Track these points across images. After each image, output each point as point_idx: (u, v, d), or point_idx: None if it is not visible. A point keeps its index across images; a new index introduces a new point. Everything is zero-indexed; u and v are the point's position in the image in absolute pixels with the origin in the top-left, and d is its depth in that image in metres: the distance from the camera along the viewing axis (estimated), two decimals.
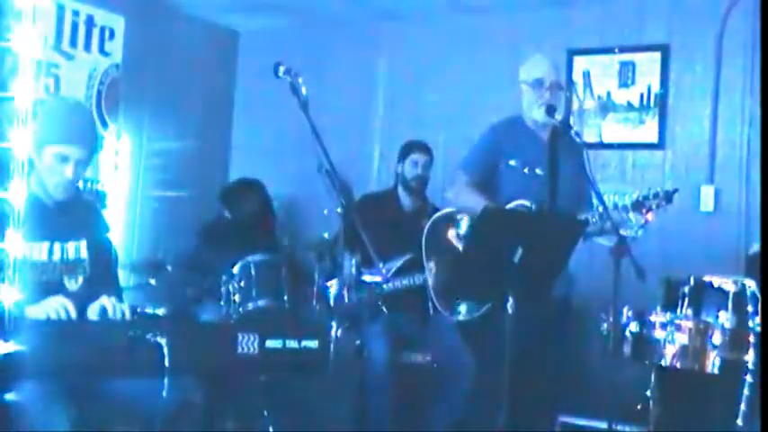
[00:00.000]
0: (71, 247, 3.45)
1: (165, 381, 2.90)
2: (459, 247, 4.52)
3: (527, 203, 4.35)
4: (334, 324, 3.57)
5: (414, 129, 6.14)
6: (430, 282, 4.81)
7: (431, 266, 4.78)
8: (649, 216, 4.22)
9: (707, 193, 5.49)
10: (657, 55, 5.74)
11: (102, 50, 5.97)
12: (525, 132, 4.56)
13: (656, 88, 5.74)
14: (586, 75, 5.93)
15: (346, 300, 4.92)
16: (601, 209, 4.11)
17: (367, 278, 5.00)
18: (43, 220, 3.29)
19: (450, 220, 4.66)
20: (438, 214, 4.83)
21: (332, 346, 3.46)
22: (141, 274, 5.07)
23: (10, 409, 2.65)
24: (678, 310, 3.98)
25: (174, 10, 6.55)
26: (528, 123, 4.56)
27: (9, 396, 2.65)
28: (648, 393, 4.18)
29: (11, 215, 2.52)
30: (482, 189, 4.48)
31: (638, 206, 4.23)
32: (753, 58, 5.42)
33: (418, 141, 5.59)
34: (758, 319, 3.83)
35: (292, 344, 3.24)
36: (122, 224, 5.92)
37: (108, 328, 3.05)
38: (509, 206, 4.36)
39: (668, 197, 4.23)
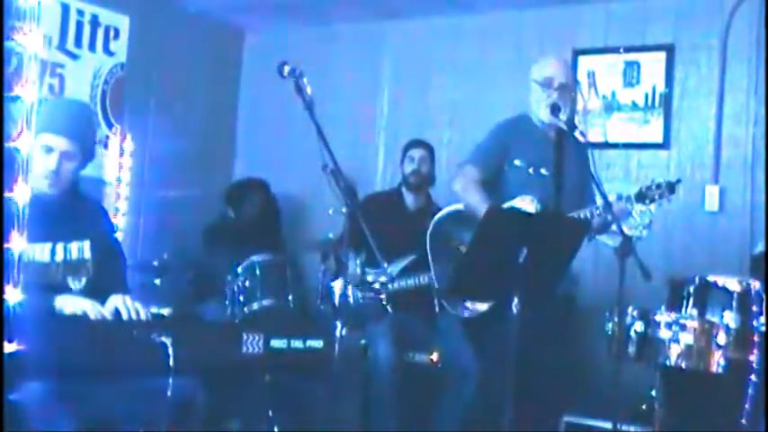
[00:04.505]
0: (74, 247, 3.44)
1: (170, 380, 2.90)
2: (464, 245, 4.51)
3: (531, 198, 4.35)
4: (338, 324, 3.56)
5: (418, 128, 6.15)
6: (435, 281, 4.81)
7: (436, 265, 4.78)
8: (652, 207, 4.24)
9: (712, 192, 5.49)
10: (662, 55, 5.74)
11: (106, 50, 5.98)
12: (532, 131, 4.57)
13: (660, 88, 5.73)
14: (591, 74, 5.93)
15: (351, 300, 4.92)
16: (601, 202, 4.12)
17: (371, 278, 5.00)
18: (45, 220, 3.28)
19: (454, 219, 4.66)
20: (441, 213, 4.83)
21: (336, 345, 3.46)
22: (146, 273, 5.07)
23: (13, 409, 2.65)
24: (683, 310, 3.98)
25: (179, 9, 6.56)
26: (535, 122, 4.57)
27: (13, 395, 2.66)
28: (653, 393, 4.18)
29: (15, 215, 2.52)
30: (490, 185, 4.50)
31: (641, 197, 4.25)
32: (757, 58, 5.42)
33: (415, 139, 5.63)
34: (763, 319, 3.83)
35: (297, 343, 3.24)
36: (127, 224, 5.92)
37: (112, 328, 3.05)
38: (513, 201, 4.36)
39: (671, 188, 4.27)
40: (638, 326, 3.90)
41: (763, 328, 3.80)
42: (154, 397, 3.01)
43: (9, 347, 2.46)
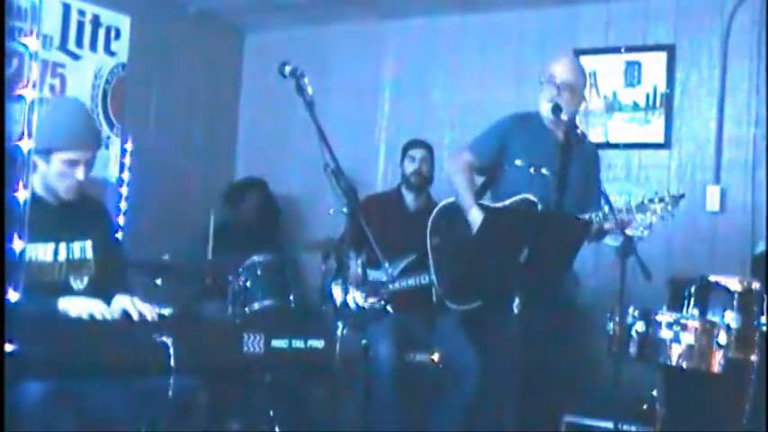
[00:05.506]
0: (76, 246, 3.45)
1: (171, 380, 2.90)
2: (464, 238, 4.50)
3: (531, 197, 4.35)
4: (339, 324, 3.55)
5: (419, 128, 6.14)
6: (434, 274, 4.80)
7: (435, 260, 4.78)
8: (654, 219, 4.23)
9: (713, 192, 5.48)
10: (663, 55, 5.73)
11: (107, 50, 5.97)
12: (538, 130, 4.56)
13: (661, 88, 5.73)
14: (592, 74, 5.91)
15: (352, 300, 4.91)
16: (606, 208, 4.12)
17: (372, 278, 5.00)
18: (47, 221, 3.28)
19: (451, 210, 4.66)
20: (439, 206, 4.83)
21: (337, 345, 3.45)
22: (147, 273, 5.07)
23: (13, 409, 2.65)
24: (684, 310, 3.99)
25: (180, 9, 6.56)
26: (544, 121, 4.56)
27: (13, 396, 2.65)
28: (654, 393, 4.18)
29: (17, 215, 2.52)
30: (482, 173, 4.56)
31: (643, 208, 4.24)
32: (758, 58, 5.42)
33: (414, 139, 5.62)
34: (764, 319, 3.83)
35: (298, 343, 3.24)
36: (128, 224, 5.91)
37: (113, 328, 3.05)
38: (512, 200, 4.36)
39: (675, 202, 4.25)
40: (639, 326, 3.91)
41: (765, 328, 3.80)
42: (154, 397, 3.02)
43: (9, 347, 2.46)
